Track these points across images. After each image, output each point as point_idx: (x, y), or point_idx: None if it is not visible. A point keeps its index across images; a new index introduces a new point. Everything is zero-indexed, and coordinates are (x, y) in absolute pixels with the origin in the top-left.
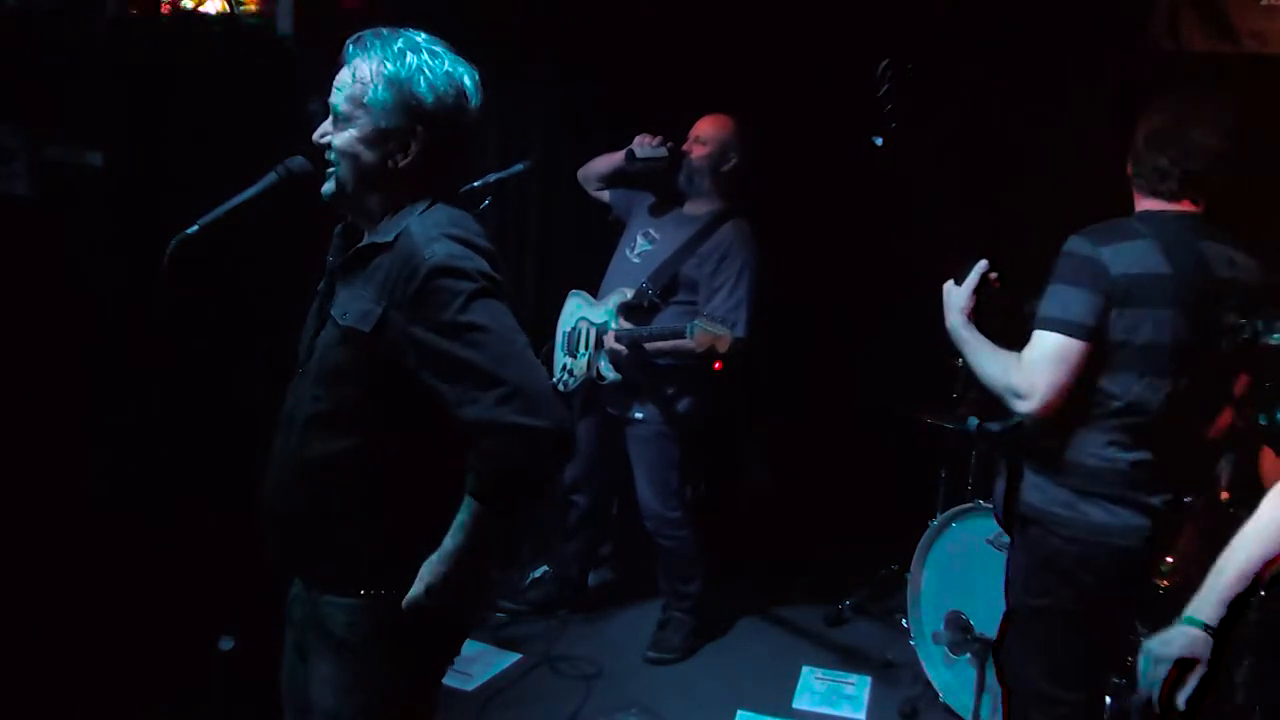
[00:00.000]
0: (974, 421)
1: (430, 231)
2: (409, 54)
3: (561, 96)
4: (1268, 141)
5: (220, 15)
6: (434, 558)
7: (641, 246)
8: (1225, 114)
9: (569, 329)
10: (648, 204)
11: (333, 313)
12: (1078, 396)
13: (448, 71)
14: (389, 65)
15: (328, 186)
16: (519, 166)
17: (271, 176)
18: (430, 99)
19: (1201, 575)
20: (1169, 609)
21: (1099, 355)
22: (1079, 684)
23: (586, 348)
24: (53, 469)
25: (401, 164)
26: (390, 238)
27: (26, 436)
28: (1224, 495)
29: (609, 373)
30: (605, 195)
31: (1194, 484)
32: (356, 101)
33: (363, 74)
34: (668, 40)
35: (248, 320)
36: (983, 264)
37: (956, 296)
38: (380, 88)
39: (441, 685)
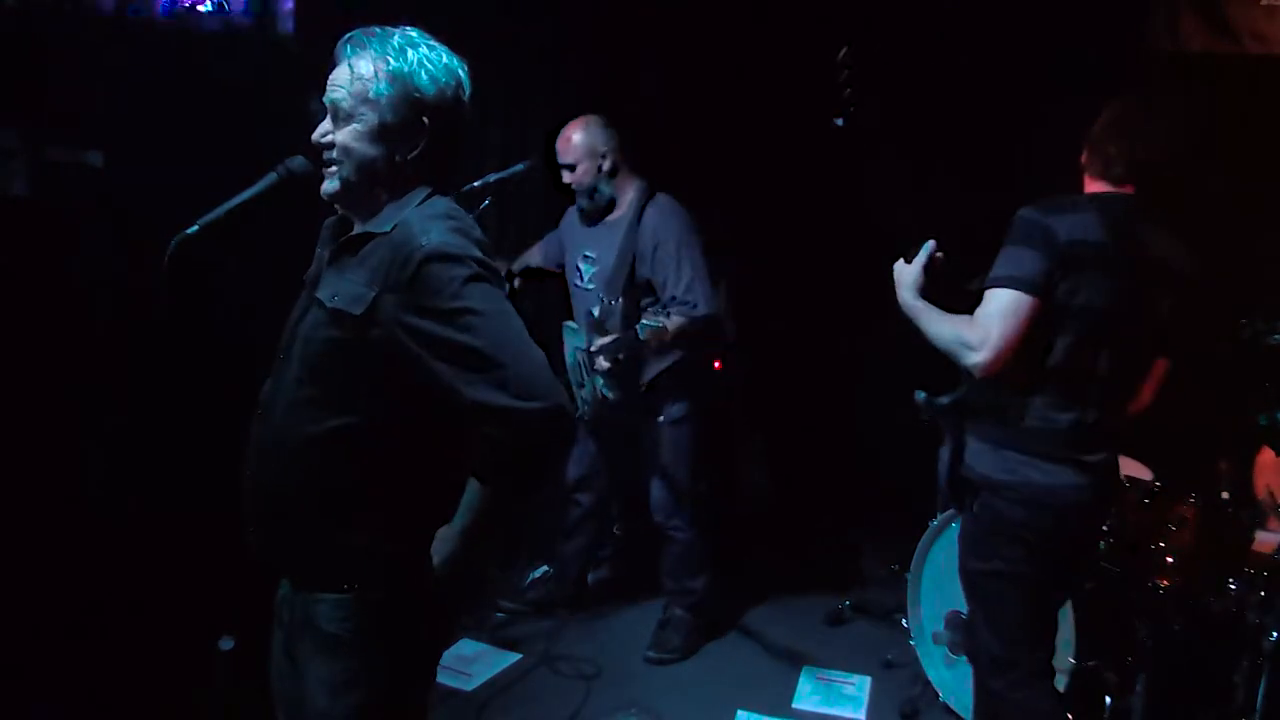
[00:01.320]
0: (921, 395)
1: (426, 221)
2: (408, 49)
3: (561, 96)
4: (1268, 141)
5: (219, 15)
6: (441, 533)
7: (587, 271)
8: (1173, 110)
9: (570, 363)
10: (574, 230)
11: (319, 296)
12: (1020, 360)
13: (447, 64)
14: (391, 60)
15: (330, 185)
16: (519, 166)
17: (272, 176)
18: (432, 91)
19: (1202, 575)
20: (1169, 609)
21: (1043, 317)
22: (1032, 645)
23: (588, 375)
24: (52, 469)
25: (407, 157)
26: (387, 227)
27: (26, 436)
28: (1224, 495)
29: (611, 392)
30: (539, 261)
31: (1125, 440)
32: (360, 98)
33: (363, 70)
34: (668, 40)
35: (248, 320)
36: (930, 243)
37: (908, 274)
38: (383, 83)
39: (435, 682)
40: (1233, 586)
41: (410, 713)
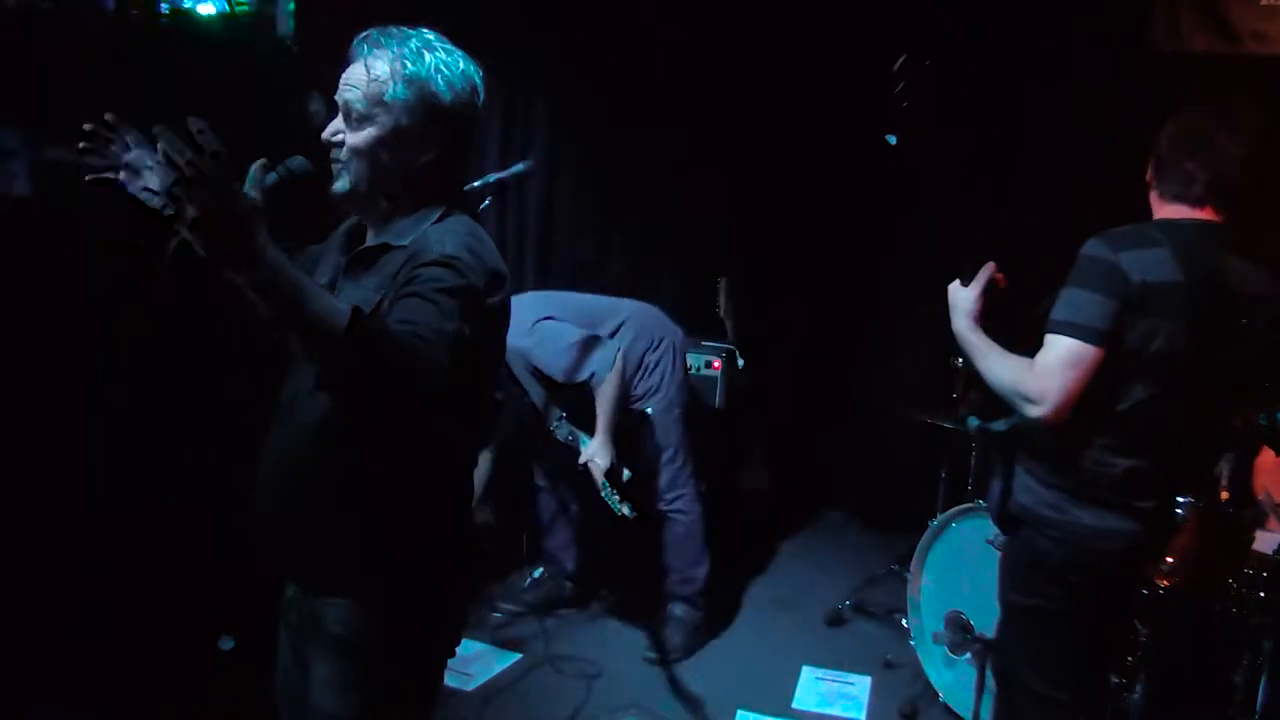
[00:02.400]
0: (974, 421)
1: (446, 237)
2: (426, 52)
3: (562, 96)
4: (1268, 141)
5: (219, 15)
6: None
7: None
8: (1252, 122)
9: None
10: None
11: None
12: (1083, 406)
13: (463, 69)
14: (408, 64)
15: (340, 184)
16: (519, 166)
17: (272, 176)
18: (449, 96)
19: (1202, 575)
20: (1169, 609)
21: (1109, 361)
22: (1069, 683)
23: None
24: (53, 468)
25: (420, 162)
26: (406, 241)
27: (27, 436)
28: (1224, 495)
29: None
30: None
31: (1188, 488)
32: (375, 100)
33: (379, 72)
34: (667, 39)
35: (248, 321)
36: (990, 265)
37: (963, 299)
38: (400, 86)
39: (442, 684)
40: (1233, 586)
41: (415, 716)
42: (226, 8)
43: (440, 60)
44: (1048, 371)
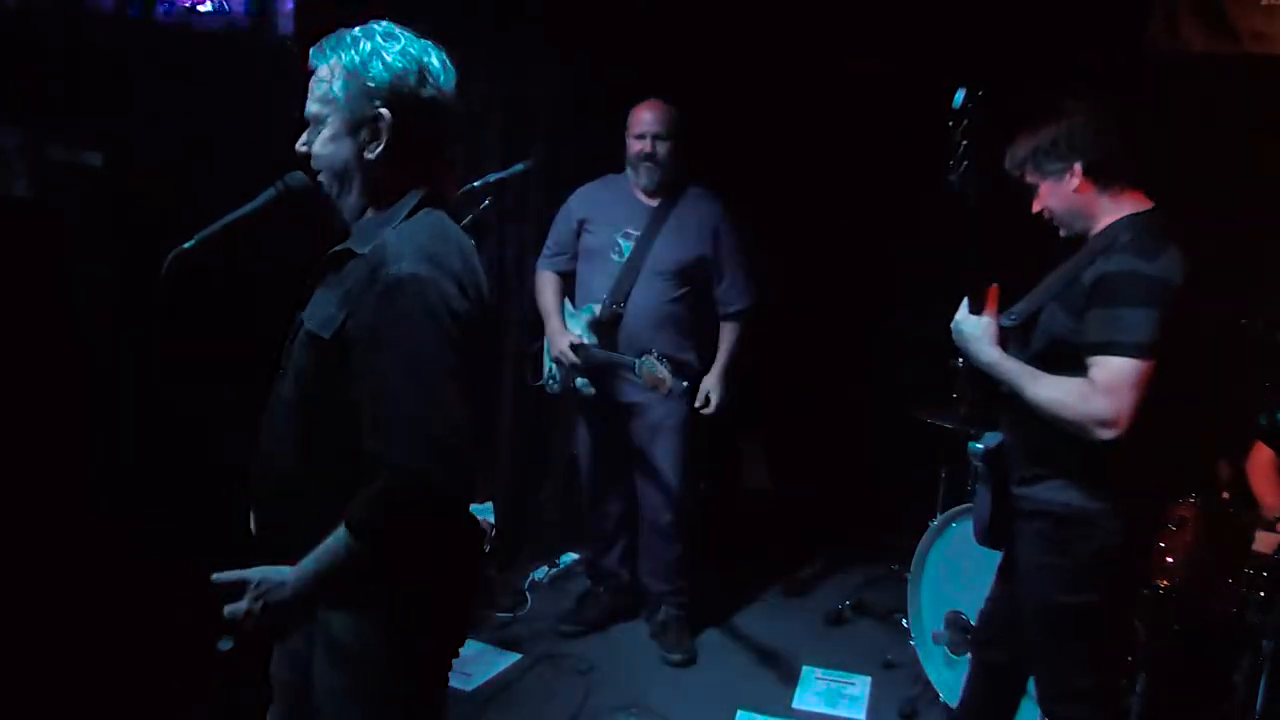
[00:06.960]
0: (978, 447)
1: (404, 245)
2: (362, 41)
3: (562, 95)
4: (1268, 141)
5: (219, 15)
6: (287, 576)
7: (626, 247)
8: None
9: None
10: (605, 207)
11: (302, 315)
12: None
13: (404, 50)
14: (344, 56)
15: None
16: (519, 166)
17: (270, 192)
18: (388, 78)
19: (1202, 575)
20: (1169, 609)
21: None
22: (1115, 668)
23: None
24: (53, 471)
25: (375, 153)
26: (367, 248)
27: (26, 438)
28: (1224, 495)
29: (585, 389)
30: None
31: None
32: (323, 101)
33: (323, 73)
34: (668, 38)
35: (247, 321)
36: (994, 288)
37: (983, 327)
38: (339, 80)
39: (447, 688)
40: (1233, 586)
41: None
42: (226, 7)
43: (378, 45)
44: (1118, 394)
